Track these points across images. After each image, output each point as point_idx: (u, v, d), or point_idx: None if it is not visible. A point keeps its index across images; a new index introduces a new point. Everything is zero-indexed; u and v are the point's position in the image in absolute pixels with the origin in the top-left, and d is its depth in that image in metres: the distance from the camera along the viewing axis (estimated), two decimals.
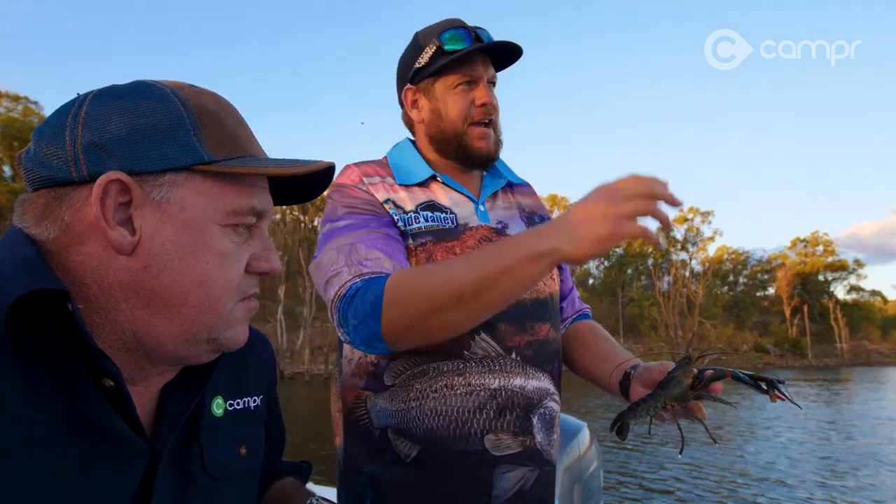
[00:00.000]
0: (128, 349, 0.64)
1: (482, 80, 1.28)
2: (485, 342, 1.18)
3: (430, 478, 1.15)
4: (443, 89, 1.29)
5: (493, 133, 1.31)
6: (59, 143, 0.61)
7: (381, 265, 1.11)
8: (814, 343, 66.03)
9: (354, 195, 1.24)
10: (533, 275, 0.96)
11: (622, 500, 7.14)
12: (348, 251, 1.13)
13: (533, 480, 1.18)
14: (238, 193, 0.66)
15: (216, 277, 0.65)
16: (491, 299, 0.98)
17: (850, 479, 8.18)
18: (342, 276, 1.11)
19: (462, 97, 1.28)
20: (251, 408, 0.83)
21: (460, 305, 0.98)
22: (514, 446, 1.16)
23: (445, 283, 0.98)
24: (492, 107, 1.29)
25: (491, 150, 1.31)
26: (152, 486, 0.64)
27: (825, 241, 76.58)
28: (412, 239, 1.20)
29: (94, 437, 0.59)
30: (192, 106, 0.64)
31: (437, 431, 1.15)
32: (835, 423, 13.93)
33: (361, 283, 1.08)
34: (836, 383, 29.65)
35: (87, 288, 0.61)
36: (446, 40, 1.26)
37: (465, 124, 1.28)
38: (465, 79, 1.27)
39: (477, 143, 1.29)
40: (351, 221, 1.19)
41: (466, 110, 1.27)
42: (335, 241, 1.17)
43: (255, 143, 0.70)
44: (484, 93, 1.28)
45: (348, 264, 1.11)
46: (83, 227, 0.61)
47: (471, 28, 1.28)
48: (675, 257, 70.56)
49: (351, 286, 1.08)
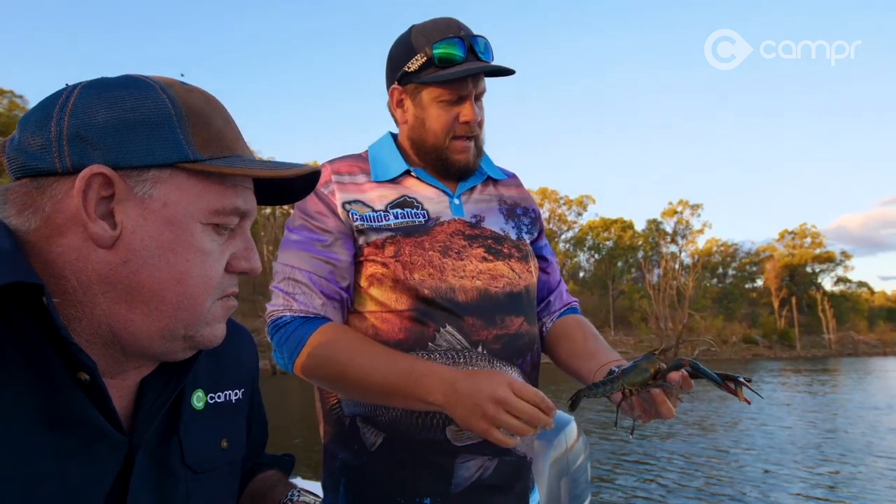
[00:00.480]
0: (104, 343, 0.64)
1: (470, 97, 1.27)
2: (450, 335, 1.20)
3: (393, 465, 1.20)
4: (429, 99, 1.27)
5: (475, 146, 1.31)
6: (44, 133, 0.60)
7: (310, 303, 1.21)
8: (802, 334, 66.59)
9: (314, 203, 1.27)
10: (420, 409, 1.14)
11: (611, 492, 7.19)
12: (288, 273, 1.23)
13: (492, 469, 1.22)
14: (222, 193, 0.66)
15: (195, 275, 0.65)
16: (386, 403, 1.15)
17: (838, 467, 8.28)
18: (278, 300, 1.23)
19: (447, 112, 1.27)
20: (232, 401, 0.84)
21: (360, 394, 1.17)
22: (475, 436, 1.19)
23: (354, 376, 1.13)
24: (476, 124, 1.28)
25: (469, 163, 1.31)
26: (129, 478, 0.65)
27: (813, 234, 77.26)
28: (378, 234, 1.23)
29: (70, 430, 0.59)
30: (180, 103, 0.64)
31: (401, 420, 1.20)
32: (836, 414, 14.08)
33: (290, 318, 1.21)
34: (823, 373, 29.96)
35: (66, 280, 0.61)
36: (437, 52, 1.23)
37: (446, 138, 1.28)
38: (452, 96, 1.26)
39: (456, 157, 1.29)
40: (299, 238, 1.26)
41: (450, 125, 1.27)
42: (284, 253, 1.26)
43: (241, 144, 0.70)
44: (469, 111, 1.26)
45: (284, 291, 1.23)
46: (64, 218, 0.60)
47: (465, 36, 1.24)
48: (664, 250, 70.95)
49: (282, 317, 1.22)
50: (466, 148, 1.29)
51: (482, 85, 1.29)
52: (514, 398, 0.99)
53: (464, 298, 1.21)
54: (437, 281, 1.20)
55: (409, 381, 1.08)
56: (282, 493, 0.90)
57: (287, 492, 0.90)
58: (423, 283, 1.20)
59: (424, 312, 1.20)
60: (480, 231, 1.30)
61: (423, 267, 1.21)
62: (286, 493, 0.89)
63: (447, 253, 1.23)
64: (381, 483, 1.20)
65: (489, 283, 1.25)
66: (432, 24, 1.27)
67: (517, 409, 0.99)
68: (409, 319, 1.20)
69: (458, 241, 1.25)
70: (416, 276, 1.20)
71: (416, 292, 1.20)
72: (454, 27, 1.25)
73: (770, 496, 6.82)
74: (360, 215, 1.24)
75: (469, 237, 1.27)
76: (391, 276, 1.21)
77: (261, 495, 0.92)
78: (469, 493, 1.20)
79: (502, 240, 1.32)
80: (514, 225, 1.37)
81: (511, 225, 1.36)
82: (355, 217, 1.24)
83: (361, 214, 1.24)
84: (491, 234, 1.30)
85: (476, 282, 1.23)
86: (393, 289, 1.21)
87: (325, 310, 1.21)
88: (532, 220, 1.43)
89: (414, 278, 1.20)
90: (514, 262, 1.31)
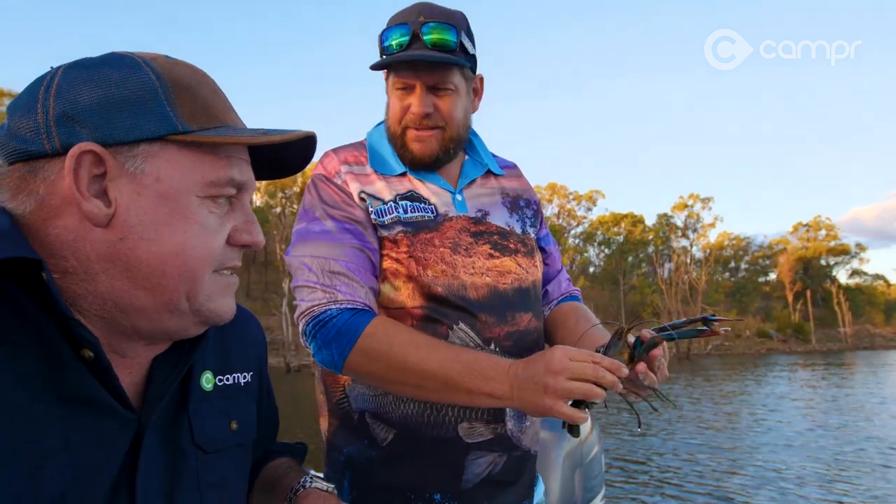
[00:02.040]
0: (111, 319, 0.64)
1: (416, 87, 1.21)
2: (463, 332, 1.18)
3: (404, 461, 1.19)
4: (390, 87, 1.27)
5: (441, 134, 1.25)
6: (31, 116, 0.60)
7: (355, 293, 1.15)
8: (817, 328, 65.89)
9: (332, 193, 1.24)
10: (482, 405, 1.08)
11: (624, 484, 7.17)
12: (322, 266, 1.16)
13: (502, 465, 1.21)
14: (215, 164, 0.65)
15: (194, 247, 0.64)
16: (443, 398, 1.09)
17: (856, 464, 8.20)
18: (315, 294, 1.15)
19: (400, 101, 1.24)
20: (241, 384, 0.83)
21: (417, 389, 1.09)
22: (486, 433, 1.19)
23: (414, 368, 1.06)
24: (424, 117, 1.22)
25: (426, 154, 1.25)
26: (139, 456, 0.65)
27: (827, 226, 76.41)
28: (390, 230, 1.20)
29: (77, 408, 0.59)
30: (165, 76, 0.64)
31: (413, 417, 1.18)
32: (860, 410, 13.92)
33: (336, 311, 1.12)
34: (840, 367, 29.66)
35: (65, 260, 0.61)
36: (385, 40, 1.22)
37: (400, 127, 1.25)
38: (402, 85, 1.23)
39: (412, 145, 1.26)
40: (327, 227, 1.20)
41: (401, 114, 1.25)
42: (310, 246, 1.19)
43: (232, 114, 0.69)
44: (416, 101, 1.21)
45: (322, 283, 1.15)
46: (58, 199, 0.60)
47: (415, 23, 1.18)
48: (675, 244, 70.47)
49: (326, 311, 1.13)
50: (420, 138, 1.24)
51: (436, 77, 1.21)
52: (570, 363, 0.95)
53: (475, 296, 1.20)
54: (450, 278, 1.19)
55: (473, 375, 1.03)
56: (295, 479, 0.89)
57: (300, 478, 0.89)
58: (436, 280, 1.18)
59: (437, 310, 1.18)
60: (486, 227, 1.27)
61: (436, 264, 1.19)
62: (299, 478, 0.89)
63: (457, 250, 1.21)
64: (391, 478, 1.20)
65: (497, 279, 1.23)
66: (401, 10, 1.24)
67: (578, 372, 0.94)
68: (422, 317, 1.19)
69: (465, 237, 1.23)
70: (429, 273, 1.18)
71: (429, 289, 1.18)
72: (412, 13, 1.21)
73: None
74: (374, 209, 1.22)
75: (475, 234, 1.25)
76: (405, 272, 1.19)
77: (274, 481, 0.92)
78: (479, 489, 1.19)
79: (508, 235, 1.30)
80: (518, 218, 1.35)
81: (515, 218, 1.34)
82: (371, 210, 1.22)
83: (375, 208, 1.22)
84: (497, 230, 1.28)
85: (485, 278, 1.22)
86: (406, 285, 1.20)
87: (369, 300, 1.17)
88: (535, 213, 1.41)
89: (427, 275, 1.18)
90: (520, 257, 1.29)
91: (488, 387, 1.02)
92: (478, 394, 1.03)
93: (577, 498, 2.36)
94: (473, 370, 1.03)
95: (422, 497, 1.18)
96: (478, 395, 1.04)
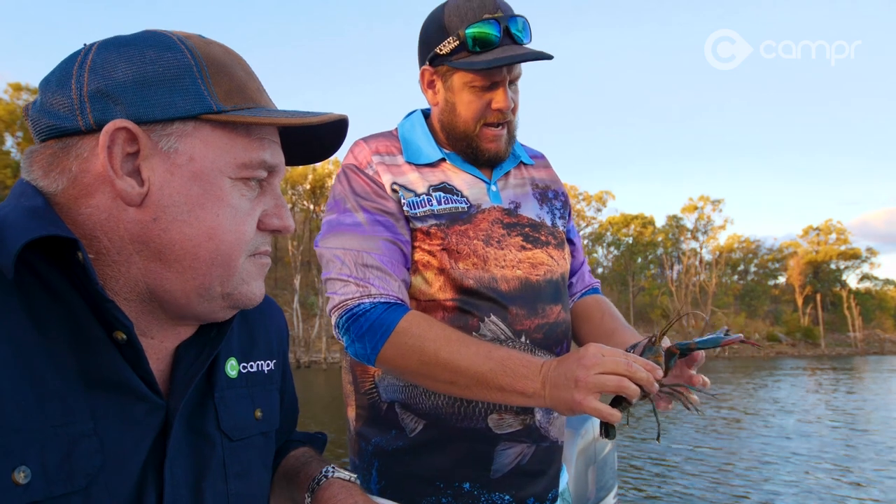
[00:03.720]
0: (142, 301, 0.63)
1: (503, 83, 1.19)
2: (494, 325, 1.18)
3: (433, 451, 1.19)
4: (460, 84, 1.20)
5: (507, 133, 1.25)
6: (65, 92, 0.59)
7: (388, 287, 1.14)
8: (826, 332, 65.52)
9: (364, 184, 1.22)
10: (513, 402, 1.05)
11: (637, 481, 7.13)
12: (355, 259, 1.15)
13: (530, 455, 1.21)
14: (248, 146, 0.65)
15: (227, 230, 0.63)
16: (474, 395, 1.07)
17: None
18: (349, 288, 1.14)
19: (478, 98, 1.20)
20: (265, 371, 0.82)
21: (449, 385, 1.07)
22: (516, 424, 1.19)
23: (446, 364, 1.05)
24: (509, 111, 1.22)
25: (500, 151, 1.26)
26: (167, 443, 0.64)
27: (838, 230, 75.86)
28: (423, 222, 1.19)
29: (107, 391, 0.58)
30: (200, 55, 0.63)
31: (443, 408, 1.18)
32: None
33: (370, 305, 1.12)
34: (848, 372, 29.43)
35: (98, 241, 0.60)
36: (471, 35, 1.15)
37: (477, 126, 1.22)
38: (485, 82, 1.18)
39: (486, 145, 1.24)
40: (358, 220, 1.18)
41: (481, 112, 1.21)
42: (342, 238, 1.18)
43: (265, 96, 0.68)
44: (502, 98, 1.19)
45: (356, 277, 1.14)
46: (91, 178, 0.59)
47: (502, 17, 1.15)
48: (685, 246, 70.17)
49: (359, 304, 1.12)
50: (498, 136, 1.23)
51: (517, 69, 1.21)
52: (603, 357, 0.93)
53: (506, 288, 1.20)
54: (481, 271, 1.18)
55: (505, 373, 1.02)
56: (316, 469, 0.88)
57: (322, 468, 0.88)
58: (467, 272, 1.18)
59: (468, 302, 1.18)
60: (517, 219, 1.26)
61: (468, 256, 1.18)
62: (321, 468, 0.87)
63: (489, 242, 1.20)
64: (419, 468, 1.20)
65: (530, 271, 1.23)
66: (466, 2, 1.17)
67: (611, 365, 0.92)
68: (453, 310, 1.18)
69: (497, 229, 1.22)
70: (460, 266, 1.18)
71: (461, 282, 1.18)
72: (490, 6, 1.16)
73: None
74: (406, 200, 1.20)
75: (507, 225, 1.24)
76: (437, 264, 1.19)
77: (295, 471, 0.91)
78: (507, 478, 1.19)
79: (539, 227, 1.29)
80: (548, 210, 1.34)
81: (545, 210, 1.33)
82: (403, 201, 1.20)
83: (408, 200, 1.20)
84: (528, 222, 1.28)
85: (517, 271, 1.21)
86: (437, 277, 1.19)
87: (401, 293, 1.16)
88: (563, 204, 1.40)
89: (459, 268, 1.18)
90: (551, 249, 1.29)
91: (520, 385, 1.01)
92: (510, 391, 1.02)
93: (590, 494, 2.36)
94: (506, 368, 1.02)
95: (451, 486, 1.18)
96: (510, 393, 1.02)
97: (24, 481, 0.50)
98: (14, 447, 0.50)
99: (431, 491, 1.18)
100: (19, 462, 0.50)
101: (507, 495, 1.19)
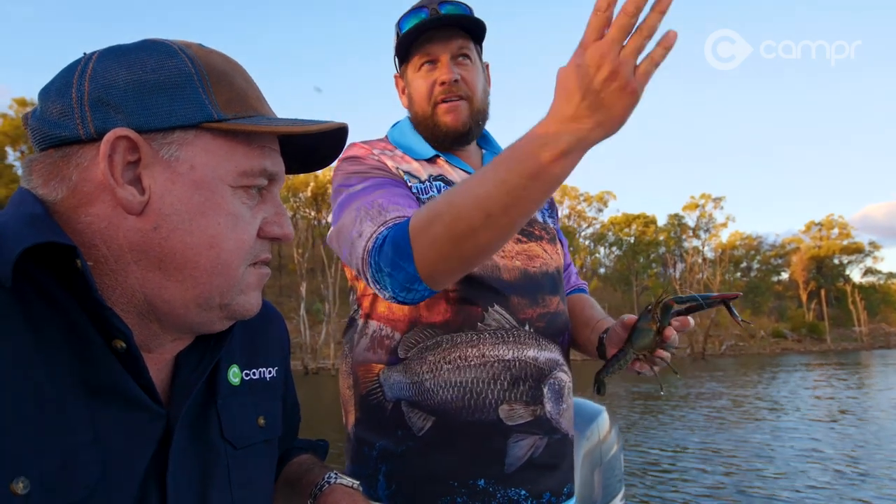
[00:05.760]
0: (139, 313, 0.62)
1: (442, 57, 1.24)
2: (498, 314, 1.19)
3: (445, 448, 1.16)
4: (412, 73, 1.28)
5: (468, 105, 1.27)
6: (65, 100, 0.59)
7: (405, 213, 1.05)
8: (831, 327, 65.23)
9: (367, 163, 1.23)
10: (562, 175, 0.85)
11: (644, 483, 7.11)
12: (369, 207, 1.09)
13: (542, 448, 1.21)
14: (249, 154, 0.65)
15: (228, 239, 0.63)
16: (522, 210, 0.88)
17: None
18: (368, 231, 1.05)
19: (425, 79, 1.26)
20: (267, 378, 0.82)
21: (490, 224, 0.89)
22: (526, 415, 1.19)
23: (471, 206, 0.89)
24: (453, 83, 1.24)
25: (459, 123, 1.26)
26: (168, 452, 0.63)
27: (840, 224, 75.73)
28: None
29: (107, 400, 0.58)
30: (201, 63, 0.63)
31: (452, 403, 1.16)
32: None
33: (387, 230, 1.02)
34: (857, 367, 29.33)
35: (97, 249, 0.59)
36: (403, 24, 1.25)
37: (430, 105, 1.26)
38: (424, 59, 1.25)
39: (443, 118, 1.26)
40: (367, 184, 1.17)
41: (429, 91, 1.26)
42: (354, 203, 1.13)
43: (265, 105, 0.69)
44: (444, 71, 1.24)
45: (372, 219, 1.06)
46: (91, 186, 0.59)
47: (431, 4, 1.23)
48: (687, 244, 70.08)
49: (378, 236, 1.02)
50: (452, 108, 1.25)
51: (457, 43, 1.25)
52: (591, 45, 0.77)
53: (509, 277, 1.21)
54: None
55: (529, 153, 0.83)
56: (319, 475, 0.88)
57: (324, 474, 0.88)
58: None
59: (471, 292, 1.18)
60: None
61: None
62: (323, 475, 0.87)
63: None
64: (431, 467, 1.16)
65: (527, 263, 1.25)
66: (411, 5, 1.27)
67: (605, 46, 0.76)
68: (456, 299, 1.18)
69: None
70: None
71: None
72: (424, 1, 1.25)
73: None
74: (412, 185, 1.22)
75: None
76: None
77: (297, 478, 0.91)
78: (521, 472, 1.18)
79: (532, 222, 1.32)
80: None
81: None
82: (409, 184, 1.22)
83: (413, 185, 1.22)
84: None
85: (515, 262, 1.23)
86: None
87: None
88: (550, 205, 1.44)
89: None
90: (544, 243, 1.31)
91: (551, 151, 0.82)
92: (546, 168, 0.83)
93: (596, 497, 2.33)
94: (518, 156, 0.85)
95: (465, 485, 1.15)
96: (547, 170, 0.83)
97: (22, 492, 0.49)
98: (12, 457, 0.50)
99: (445, 490, 1.15)
100: (18, 472, 0.50)
101: (523, 490, 1.17)
